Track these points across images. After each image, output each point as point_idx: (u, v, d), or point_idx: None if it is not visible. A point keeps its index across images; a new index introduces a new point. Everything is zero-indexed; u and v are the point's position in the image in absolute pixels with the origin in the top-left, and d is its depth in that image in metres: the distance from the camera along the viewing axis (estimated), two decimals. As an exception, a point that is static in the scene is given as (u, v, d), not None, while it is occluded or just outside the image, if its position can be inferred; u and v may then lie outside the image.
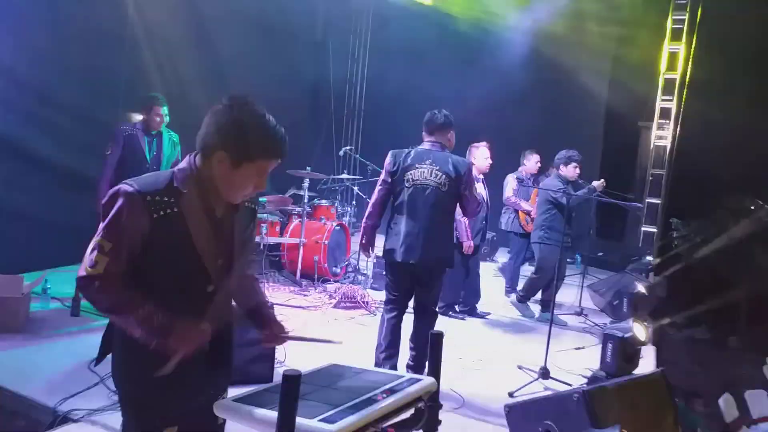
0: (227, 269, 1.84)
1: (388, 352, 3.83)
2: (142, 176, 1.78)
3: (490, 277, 7.63)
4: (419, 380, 1.86)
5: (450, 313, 5.83)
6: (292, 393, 1.48)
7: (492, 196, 6.02)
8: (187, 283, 1.78)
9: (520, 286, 6.98)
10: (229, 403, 1.70)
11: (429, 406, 1.86)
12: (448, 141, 3.89)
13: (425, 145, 3.86)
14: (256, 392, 1.79)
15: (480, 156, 5.59)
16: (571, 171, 5.88)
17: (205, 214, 1.78)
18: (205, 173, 1.77)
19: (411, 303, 4.00)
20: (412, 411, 1.85)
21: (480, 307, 6.04)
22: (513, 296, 6.68)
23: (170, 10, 6.34)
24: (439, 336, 1.96)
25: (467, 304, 5.97)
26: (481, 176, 5.70)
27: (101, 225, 1.71)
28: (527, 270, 7.06)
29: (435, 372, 1.93)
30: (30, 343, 4.01)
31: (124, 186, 1.70)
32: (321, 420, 1.53)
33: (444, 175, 3.72)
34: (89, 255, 1.69)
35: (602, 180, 5.85)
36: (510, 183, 6.66)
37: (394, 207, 3.87)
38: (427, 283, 3.85)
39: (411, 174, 3.75)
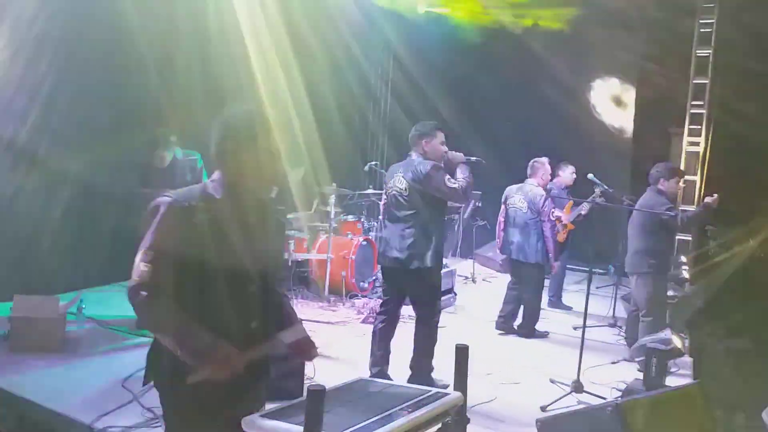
0: (264, 271, 1.95)
1: (377, 358, 4.13)
2: (177, 189, 1.93)
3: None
4: (446, 395, 1.85)
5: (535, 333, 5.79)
6: (316, 407, 1.49)
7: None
8: (231, 285, 1.86)
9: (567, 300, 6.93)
10: (256, 419, 1.71)
11: (455, 420, 1.85)
12: (423, 150, 4.08)
13: (408, 158, 4.16)
14: (282, 408, 1.80)
15: (547, 172, 5.85)
16: (673, 186, 5.17)
17: (239, 219, 1.88)
18: (230, 181, 1.89)
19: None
20: (438, 426, 1.84)
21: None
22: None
23: (196, 31, 6.48)
24: (464, 350, 1.94)
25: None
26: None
27: (146, 235, 1.81)
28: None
29: (461, 386, 1.91)
30: (66, 362, 4.11)
31: (163, 198, 1.83)
32: (346, 435, 1.53)
33: (406, 182, 4.01)
34: (136, 265, 1.78)
35: (716, 195, 5.10)
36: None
37: None
38: (405, 286, 4.12)
39: (389, 184, 4.16)
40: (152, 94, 6.25)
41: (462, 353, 1.95)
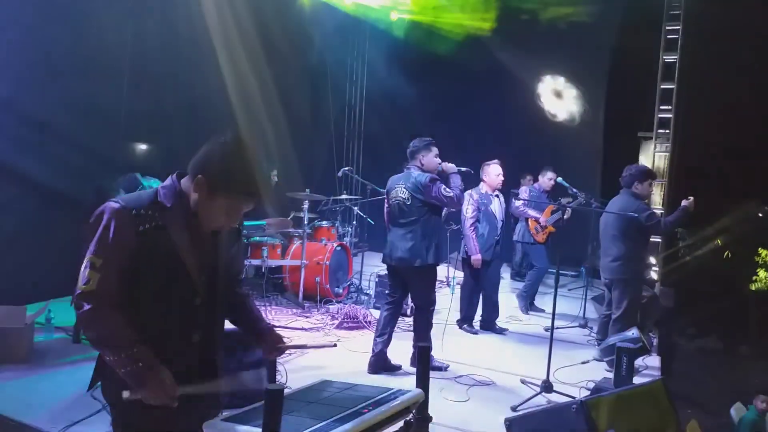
0: (213, 283, 1.89)
1: (381, 338, 4.66)
2: (126, 194, 1.87)
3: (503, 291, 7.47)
4: (407, 392, 1.87)
5: (464, 326, 5.95)
6: (275, 407, 1.50)
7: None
8: (175, 296, 1.82)
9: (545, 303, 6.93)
10: (218, 423, 1.72)
11: (417, 418, 1.88)
12: (421, 163, 4.62)
13: (407, 170, 4.70)
14: (245, 411, 1.81)
15: (491, 173, 5.84)
16: (647, 188, 5.16)
17: (189, 229, 1.83)
18: (187, 192, 1.84)
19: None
20: (401, 423, 1.87)
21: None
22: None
23: (167, 39, 6.47)
24: (426, 349, 1.97)
25: (486, 319, 6.02)
26: (497, 192, 5.91)
27: (92, 242, 1.75)
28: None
29: (423, 383, 1.94)
30: (34, 372, 4.05)
31: (110, 203, 1.77)
32: (305, 434, 1.55)
33: (408, 192, 4.56)
34: (82, 272, 1.73)
35: (691, 198, 5.03)
36: (521, 194, 6.87)
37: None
38: (408, 281, 4.66)
39: (392, 194, 4.70)
40: (123, 99, 6.22)
41: (423, 352, 1.98)
